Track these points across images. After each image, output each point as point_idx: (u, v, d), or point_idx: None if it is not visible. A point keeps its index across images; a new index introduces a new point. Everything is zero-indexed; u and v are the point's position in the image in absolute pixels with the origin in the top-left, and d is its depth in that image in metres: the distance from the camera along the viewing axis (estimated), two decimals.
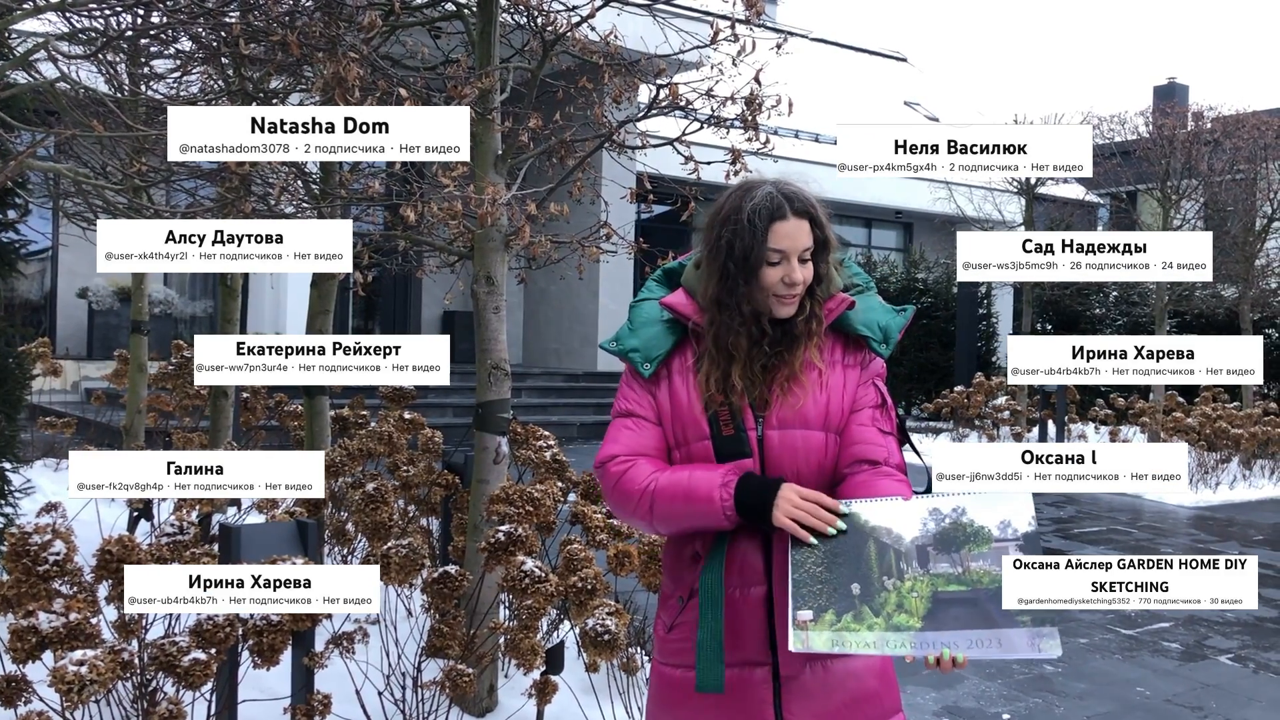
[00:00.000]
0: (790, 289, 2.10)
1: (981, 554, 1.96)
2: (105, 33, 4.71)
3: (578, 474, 4.67)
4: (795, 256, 2.10)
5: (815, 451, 2.12)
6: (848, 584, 1.94)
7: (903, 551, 1.95)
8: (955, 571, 1.95)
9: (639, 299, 2.29)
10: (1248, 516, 10.05)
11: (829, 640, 1.92)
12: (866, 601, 1.93)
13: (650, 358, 2.17)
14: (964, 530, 1.96)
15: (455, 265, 5.39)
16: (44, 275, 14.65)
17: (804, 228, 2.12)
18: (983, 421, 14.81)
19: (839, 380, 2.16)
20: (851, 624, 1.92)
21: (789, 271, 2.09)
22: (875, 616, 1.93)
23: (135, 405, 7.35)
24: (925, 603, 1.93)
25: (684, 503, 2.06)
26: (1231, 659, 5.39)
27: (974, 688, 4.81)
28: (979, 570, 1.95)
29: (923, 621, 1.92)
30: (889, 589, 1.94)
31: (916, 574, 1.95)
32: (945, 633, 1.91)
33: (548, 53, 4.07)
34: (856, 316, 2.19)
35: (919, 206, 20.39)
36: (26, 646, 2.68)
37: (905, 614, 1.92)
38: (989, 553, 1.96)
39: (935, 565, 1.95)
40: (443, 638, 3.42)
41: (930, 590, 1.94)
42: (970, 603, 1.93)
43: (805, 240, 2.12)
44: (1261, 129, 14.88)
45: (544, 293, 16.72)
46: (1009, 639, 1.92)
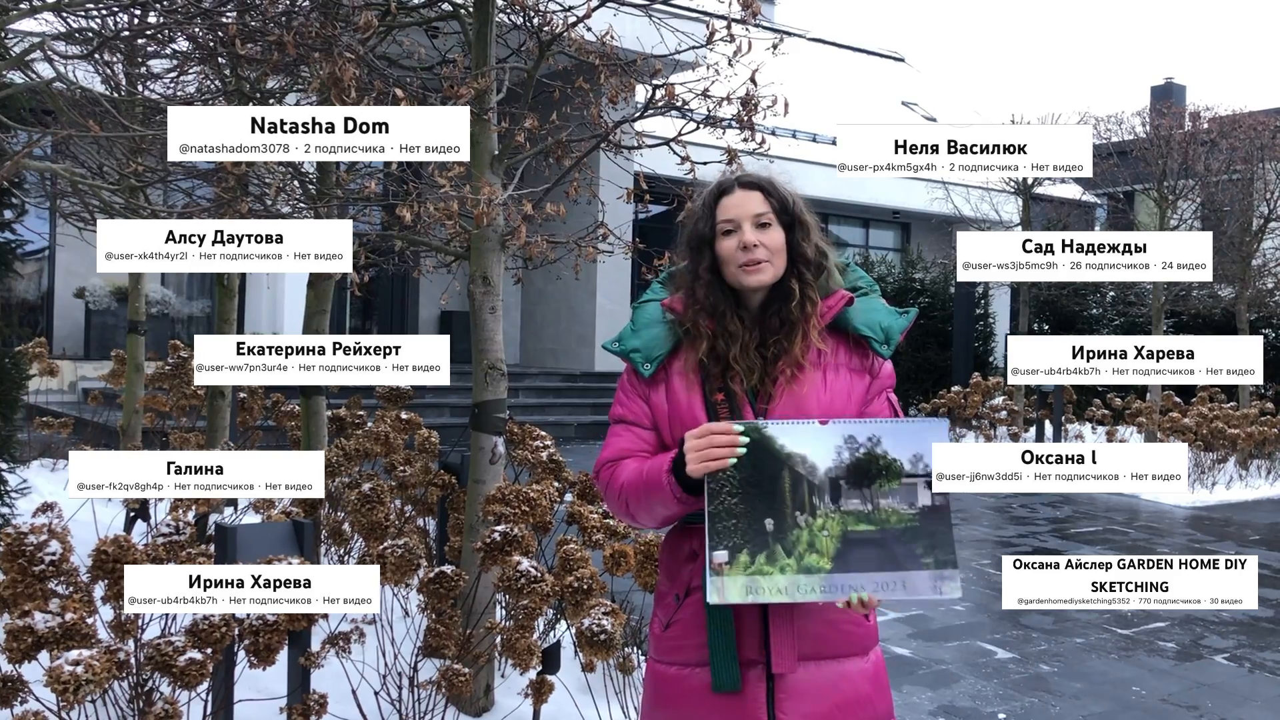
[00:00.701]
0: (748, 252, 2.13)
1: (892, 490, 1.98)
2: (101, 33, 4.71)
3: (574, 474, 4.67)
4: (746, 223, 2.14)
5: None
6: (762, 518, 1.97)
7: (816, 484, 1.97)
8: (865, 509, 1.97)
9: (642, 300, 2.31)
10: (1244, 516, 10.07)
11: (743, 588, 1.95)
12: (779, 539, 1.96)
13: (651, 358, 2.19)
14: (877, 463, 1.98)
15: (452, 265, 5.39)
16: (41, 275, 14.64)
17: (753, 196, 2.17)
18: (980, 421, 14.83)
19: (844, 383, 2.16)
20: (765, 566, 1.95)
21: (742, 237, 2.13)
22: (787, 557, 1.95)
23: (132, 405, 7.35)
24: (835, 543, 1.96)
25: (645, 492, 2.10)
26: (1227, 659, 5.40)
27: (970, 687, 4.82)
28: (888, 509, 1.98)
29: (832, 563, 1.95)
30: (801, 525, 1.96)
31: (828, 510, 1.97)
32: (853, 575, 1.95)
33: (544, 53, 4.07)
34: (857, 316, 2.19)
35: (916, 207, 20.42)
36: (22, 646, 2.68)
37: (816, 554, 1.95)
38: (899, 490, 1.98)
39: (846, 501, 1.97)
40: (439, 637, 3.42)
41: (841, 529, 1.96)
42: (878, 544, 1.97)
43: (755, 207, 2.16)
44: (1258, 129, 14.90)
45: (541, 293, 16.72)
46: (913, 581, 1.97)
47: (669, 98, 3.99)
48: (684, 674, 2.13)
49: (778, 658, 2.05)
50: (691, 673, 2.12)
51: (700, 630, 2.09)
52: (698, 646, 2.10)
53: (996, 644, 5.51)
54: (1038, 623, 5.91)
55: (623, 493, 2.15)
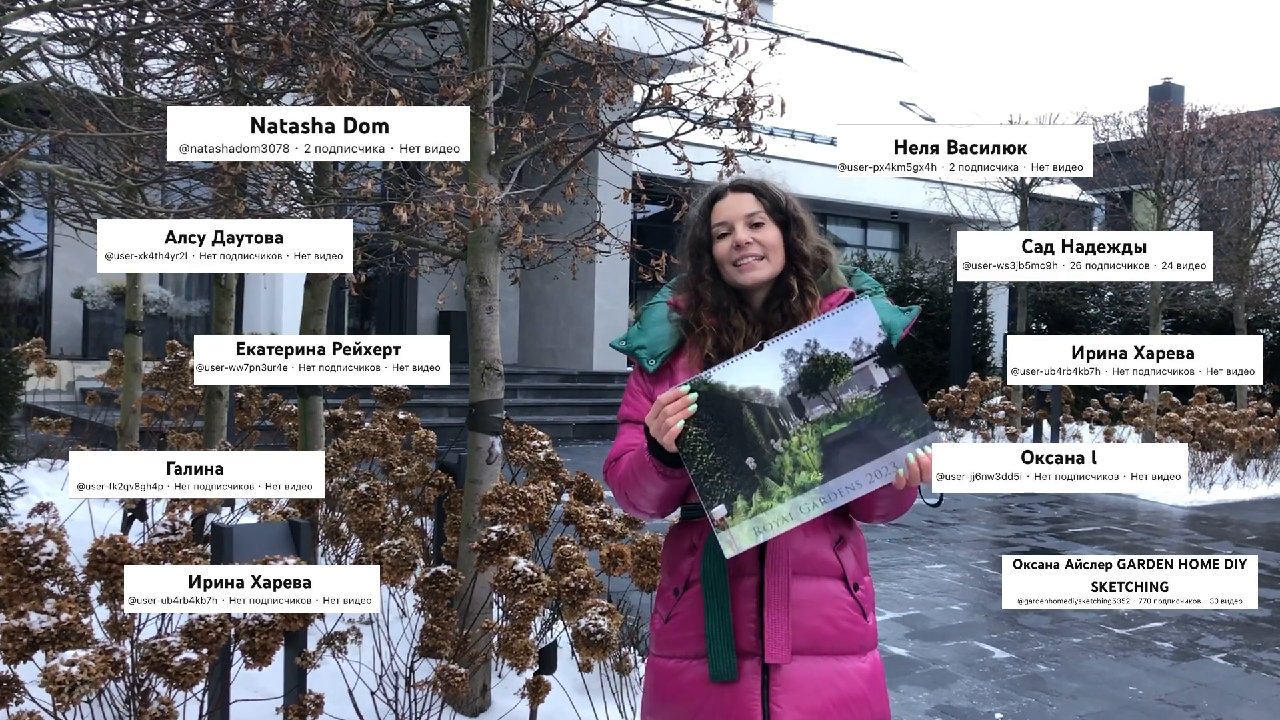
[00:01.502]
0: (740, 252, 2.18)
1: (848, 382, 2.00)
2: (98, 33, 4.71)
3: (572, 474, 4.67)
4: (740, 223, 2.20)
5: None
6: (742, 460, 1.99)
7: (778, 408, 1.99)
8: (831, 410, 1.99)
9: (652, 301, 2.38)
10: (1242, 516, 10.08)
11: (751, 530, 1.99)
12: (765, 473, 1.98)
13: (656, 354, 2.25)
14: (823, 363, 2.00)
15: (449, 265, 5.39)
16: (39, 275, 14.63)
17: (744, 198, 2.23)
18: (978, 421, 14.83)
19: None
20: (763, 503, 1.98)
21: (735, 237, 2.19)
22: (780, 485, 1.98)
23: (130, 405, 7.34)
24: (818, 453, 1.99)
25: (636, 477, 2.15)
26: (1224, 658, 5.40)
27: (967, 687, 4.82)
28: (851, 401, 2.00)
29: (823, 472, 1.98)
30: (780, 450, 1.98)
31: (798, 426, 1.99)
32: (845, 476, 1.99)
33: (541, 53, 4.07)
34: None
35: (915, 207, 20.42)
36: (18, 647, 2.67)
37: (805, 471, 1.98)
38: (854, 379, 2.00)
39: (811, 411, 1.99)
40: (435, 637, 3.42)
41: (817, 438, 1.99)
42: (856, 437, 1.99)
43: (747, 207, 2.21)
44: (1256, 129, 14.91)
45: (540, 293, 16.72)
46: (901, 459, 2.00)
47: (666, 98, 3.99)
48: (682, 667, 2.15)
49: (771, 647, 2.06)
50: (689, 665, 2.14)
51: (698, 623, 2.11)
52: (695, 639, 2.12)
53: (994, 644, 5.51)
54: (1035, 623, 5.91)
55: (621, 483, 2.21)
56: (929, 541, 8.22)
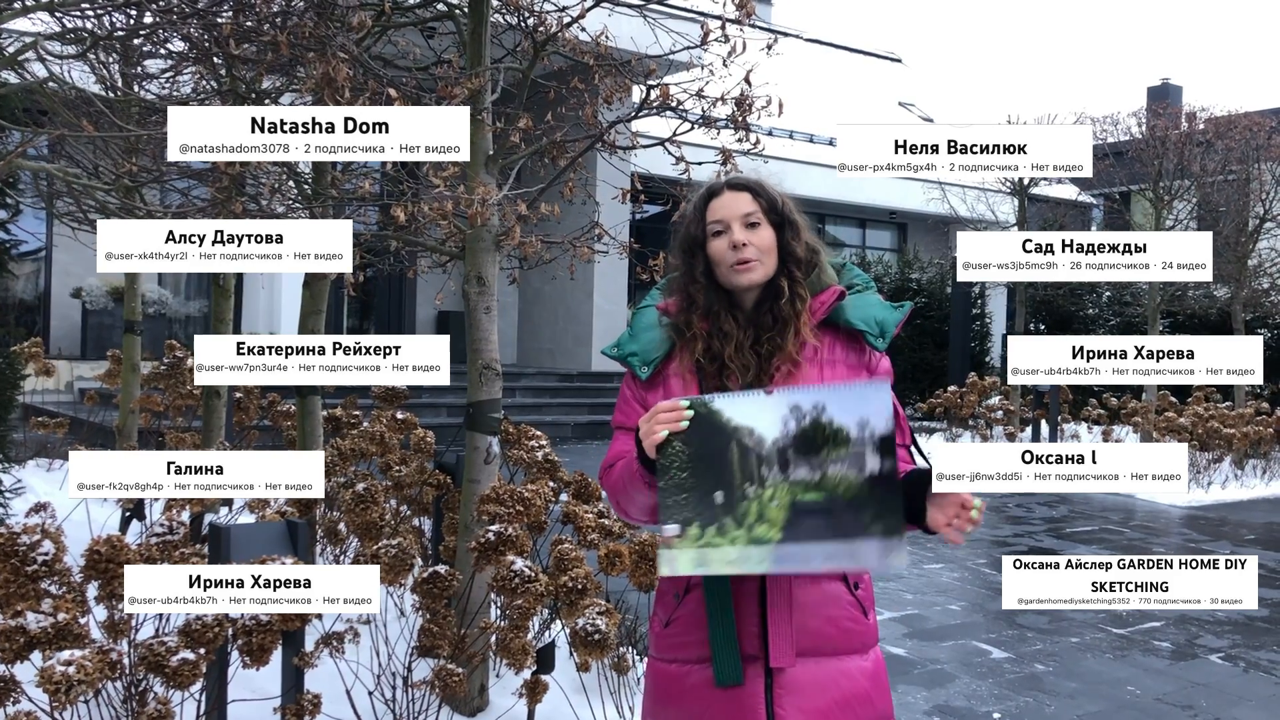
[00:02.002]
0: (739, 251, 2.15)
1: (840, 458, 1.94)
2: (96, 33, 4.70)
3: (570, 474, 4.67)
4: (736, 223, 2.17)
5: None
6: (711, 492, 1.96)
7: (764, 455, 1.95)
8: (813, 478, 1.94)
9: (640, 306, 2.35)
10: (1240, 516, 10.08)
11: (693, 560, 1.94)
12: (729, 511, 1.94)
13: (648, 360, 2.22)
14: (823, 431, 1.95)
15: (447, 265, 5.39)
16: (38, 275, 14.63)
17: (741, 197, 2.20)
18: (976, 421, 14.84)
19: (841, 378, 2.16)
20: (715, 538, 1.94)
21: (732, 237, 2.16)
22: (738, 528, 1.94)
23: (128, 405, 7.34)
24: (785, 513, 1.94)
25: (626, 484, 2.14)
26: (1222, 658, 5.40)
27: (965, 687, 4.82)
28: (836, 476, 1.94)
29: (782, 533, 1.93)
30: (751, 496, 1.94)
31: (777, 480, 1.95)
32: (802, 545, 1.93)
33: (539, 53, 4.07)
34: (851, 310, 2.20)
35: (913, 207, 20.43)
36: (15, 647, 2.67)
37: (765, 525, 1.94)
38: (847, 456, 1.94)
39: (795, 471, 1.94)
40: (433, 637, 3.42)
41: (790, 499, 1.94)
42: (827, 513, 1.94)
43: (744, 207, 2.18)
44: (1254, 130, 14.92)
45: (538, 293, 16.72)
46: (861, 551, 1.94)
47: (664, 98, 4.00)
48: (684, 671, 2.14)
49: (775, 652, 2.05)
50: (692, 669, 2.13)
51: (700, 627, 2.10)
52: (698, 643, 2.11)
53: (992, 643, 5.51)
54: (1033, 622, 5.91)
55: (614, 490, 2.21)
56: (927, 541, 8.22)
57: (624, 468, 2.15)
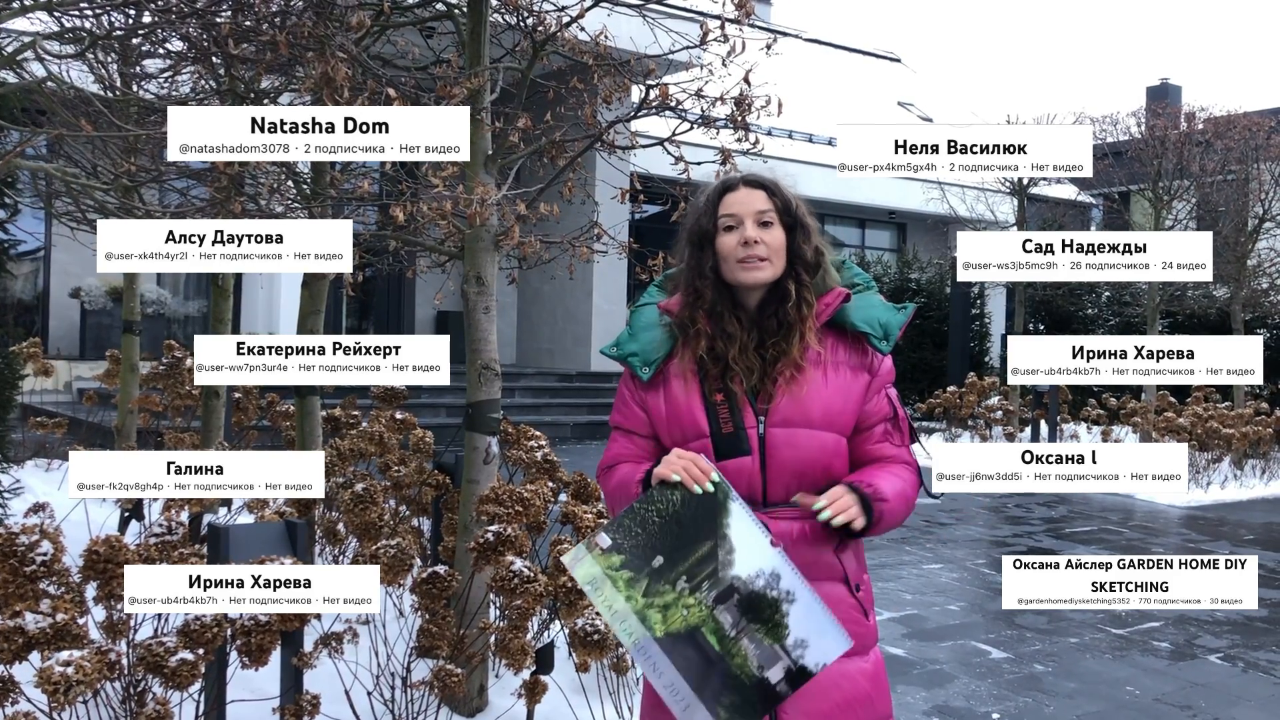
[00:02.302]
0: (750, 249, 2.13)
1: (759, 641, 1.92)
2: (94, 32, 4.70)
3: (569, 474, 4.67)
4: (749, 220, 2.15)
5: (821, 452, 2.11)
6: (657, 553, 1.94)
7: (718, 575, 1.93)
8: (729, 632, 1.92)
9: (639, 304, 2.32)
10: (1238, 516, 10.08)
11: (591, 577, 1.94)
12: (651, 579, 1.93)
13: (649, 361, 2.19)
14: (773, 613, 1.93)
15: (446, 265, 5.39)
16: (36, 275, 14.62)
17: (756, 195, 2.18)
18: (975, 421, 14.84)
19: (844, 381, 2.15)
20: (620, 581, 1.93)
21: (744, 233, 2.13)
22: (642, 597, 1.92)
23: (127, 405, 7.33)
24: (683, 625, 1.92)
25: (622, 497, 2.15)
26: (1221, 658, 5.40)
27: (964, 687, 4.82)
28: (743, 650, 1.92)
29: (663, 637, 1.91)
30: (677, 588, 1.93)
31: (706, 600, 1.92)
32: (667, 658, 1.91)
33: (538, 53, 4.06)
34: (855, 312, 2.19)
35: (912, 207, 20.43)
36: (13, 647, 2.67)
37: (660, 617, 1.92)
38: (765, 647, 1.92)
39: (723, 611, 1.92)
40: (432, 638, 3.42)
41: (697, 623, 1.92)
42: (708, 662, 1.91)
43: (758, 204, 2.16)
44: (1253, 129, 14.92)
45: (537, 293, 16.71)
46: (696, 714, 1.91)
47: (663, 98, 3.99)
48: None
49: None
50: None
51: None
52: None
53: (991, 644, 5.51)
54: (1032, 622, 5.91)
55: (610, 496, 2.21)
56: (926, 541, 8.22)
57: (624, 480, 2.15)
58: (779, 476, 2.10)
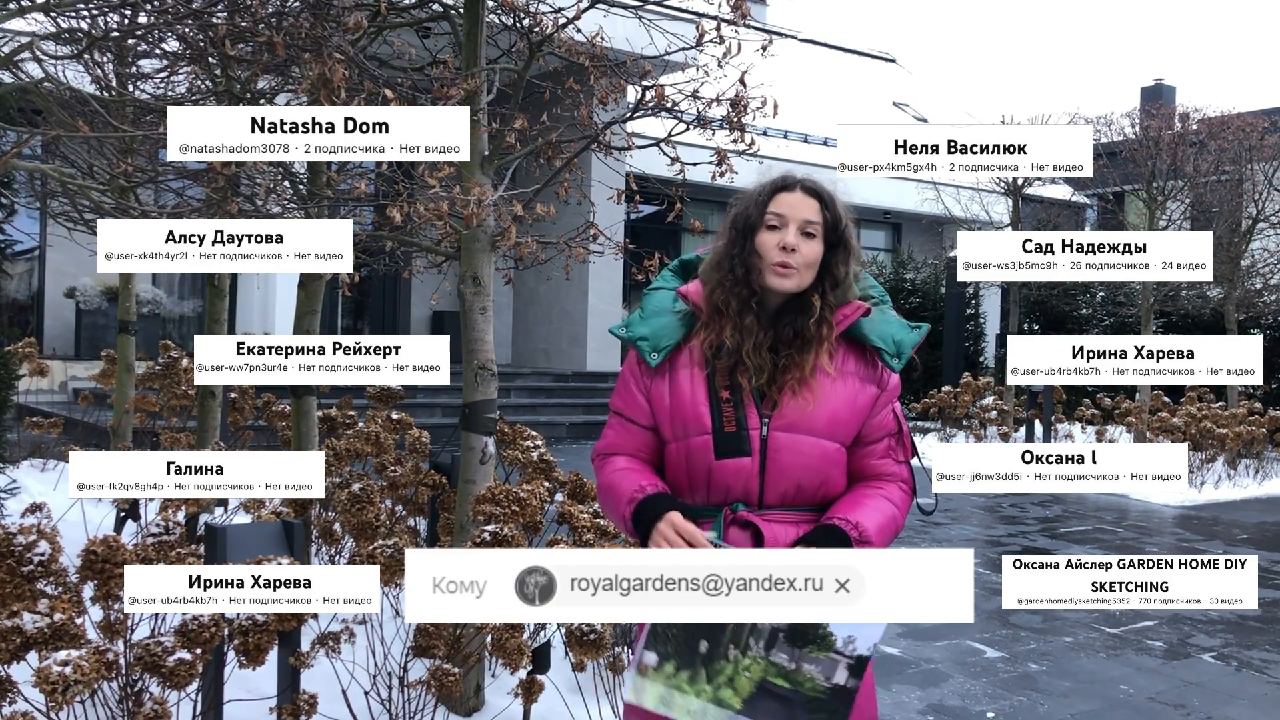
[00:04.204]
0: (785, 255, 2.10)
1: (817, 659, 2.00)
2: (91, 33, 4.70)
3: (565, 474, 4.67)
4: (794, 225, 2.12)
5: (822, 460, 2.12)
6: (697, 639, 2.01)
7: (758, 626, 1.99)
8: (789, 667, 1.99)
9: (653, 287, 2.29)
10: (1232, 516, 10.11)
11: (659, 697, 2.01)
12: (706, 664, 2.00)
13: (659, 347, 2.16)
14: (816, 630, 1.99)
15: (443, 266, 5.39)
16: (31, 275, 14.59)
17: (809, 203, 2.14)
18: (970, 421, 14.86)
19: (850, 392, 2.15)
20: (684, 684, 2.00)
21: (784, 237, 2.11)
22: (706, 683, 2.00)
23: (123, 405, 7.33)
24: (752, 686, 1.99)
25: (609, 505, 2.17)
26: (1215, 657, 5.42)
27: (959, 686, 4.84)
28: (807, 674, 1.99)
29: (742, 705, 1.99)
30: (729, 659, 2.00)
31: (758, 654, 1.99)
32: None
33: (534, 54, 4.07)
34: (871, 327, 2.18)
35: (907, 207, 20.45)
36: (10, 647, 2.67)
37: (731, 691, 1.99)
38: (824, 660, 1.99)
39: (776, 653, 1.99)
40: (429, 637, 3.42)
41: (761, 676, 1.99)
42: (786, 701, 1.99)
43: (807, 212, 2.13)
44: (1247, 130, 14.95)
45: (533, 293, 16.72)
46: None
47: (659, 99, 4.00)
48: None
49: None
50: None
51: None
52: None
53: (985, 643, 5.53)
54: (1027, 622, 5.93)
55: (601, 490, 2.22)
56: (922, 541, 8.23)
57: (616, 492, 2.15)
58: (777, 481, 2.11)
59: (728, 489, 2.13)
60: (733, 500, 2.13)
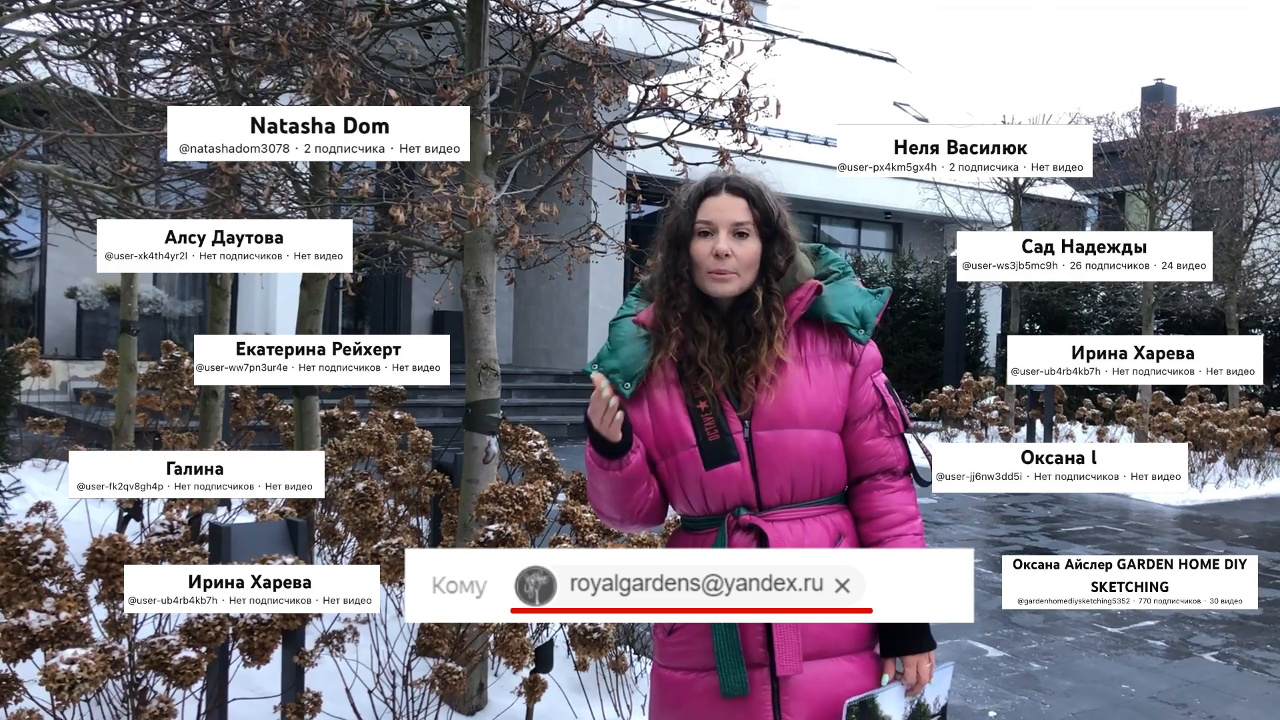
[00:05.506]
0: (719, 262, 2.09)
1: None
2: (95, 33, 4.71)
3: (567, 474, 4.68)
4: (724, 229, 2.11)
5: (811, 451, 2.11)
6: None
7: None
8: None
9: (618, 316, 2.29)
10: (1233, 515, 10.12)
11: None
12: None
13: (630, 376, 2.16)
14: (922, 710, 2.21)
15: (445, 265, 5.40)
16: (33, 275, 14.60)
17: (736, 203, 2.13)
18: (971, 421, 14.87)
19: (826, 374, 2.14)
20: None
21: (716, 244, 2.10)
22: None
23: (124, 405, 7.33)
24: None
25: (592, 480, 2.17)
26: (1216, 656, 5.43)
27: (960, 685, 4.84)
28: None
29: None
30: None
31: None
32: None
33: (537, 54, 4.08)
34: (830, 303, 2.16)
35: (908, 207, 20.45)
36: (17, 646, 2.68)
37: None
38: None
39: None
40: (432, 636, 3.43)
41: None
42: None
43: (736, 215, 2.12)
44: (1248, 130, 14.95)
45: (534, 293, 16.73)
46: None
47: (661, 99, 4.01)
48: (690, 679, 2.14)
49: (782, 660, 2.05)
50: (698, 677, 2.12)
51: (704, 635, 2.09)
52: (703, 651, 2.10)
53: (987, 642, 5.53)
54: (1028, 621, 5.93)
55: (590, 495, 2.23)
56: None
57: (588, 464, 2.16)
58: (771, 479, 2.10)
59: (724, 496, 2.12)
60: (732, 506, 2.12)
